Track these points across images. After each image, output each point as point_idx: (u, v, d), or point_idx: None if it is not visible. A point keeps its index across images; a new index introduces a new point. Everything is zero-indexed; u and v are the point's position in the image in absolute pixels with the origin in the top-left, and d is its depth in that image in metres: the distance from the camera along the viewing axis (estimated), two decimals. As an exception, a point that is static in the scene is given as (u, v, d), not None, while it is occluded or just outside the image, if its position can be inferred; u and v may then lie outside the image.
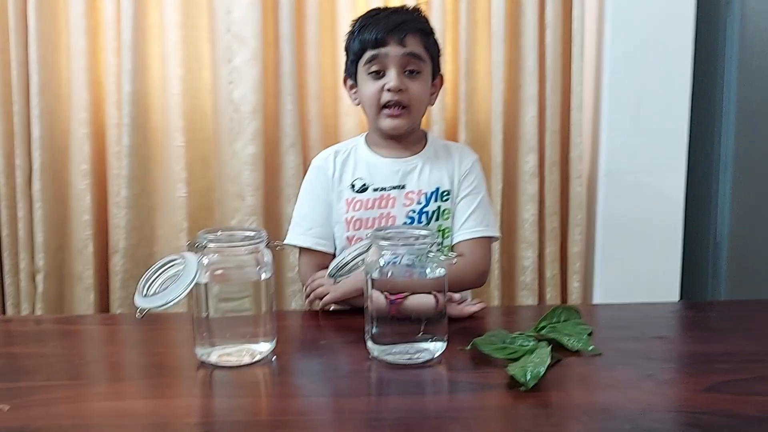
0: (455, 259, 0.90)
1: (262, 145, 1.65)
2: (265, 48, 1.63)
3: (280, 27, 1.65)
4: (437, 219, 1.15)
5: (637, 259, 1.71)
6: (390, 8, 1.17)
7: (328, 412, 0.73)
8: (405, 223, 1.14)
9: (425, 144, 1.20)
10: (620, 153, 1.69)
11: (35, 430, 0.68)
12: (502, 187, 1.71)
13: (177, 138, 1.64)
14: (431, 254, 0.83)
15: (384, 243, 0.84)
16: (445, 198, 1.16)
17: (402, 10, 1.16)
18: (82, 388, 0.80)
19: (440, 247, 0.85)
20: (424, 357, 0.84)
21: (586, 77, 1.71)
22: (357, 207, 1.14)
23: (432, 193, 1.15)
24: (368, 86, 1.12)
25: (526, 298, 1.76)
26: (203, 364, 0.85)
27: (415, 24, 1.12)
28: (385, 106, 1.12)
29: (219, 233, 0.88)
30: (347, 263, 0.94)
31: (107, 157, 1.69)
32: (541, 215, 1.75)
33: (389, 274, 0.83)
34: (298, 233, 1.18)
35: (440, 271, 0.84)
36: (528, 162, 1.71)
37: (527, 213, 1.73)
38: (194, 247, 0.86)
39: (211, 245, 0.85)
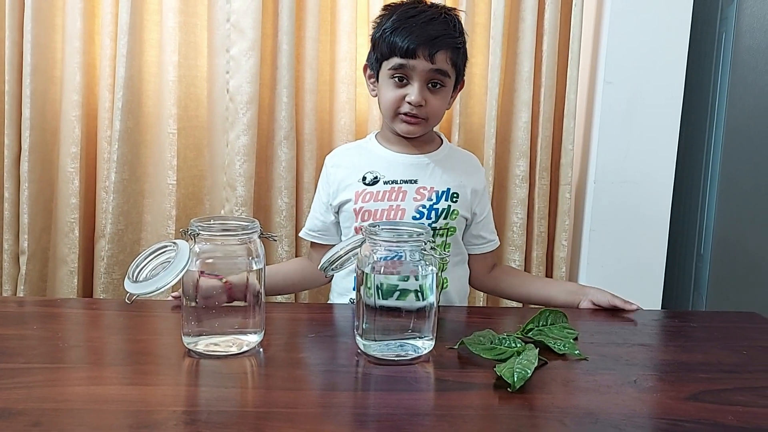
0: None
1: (255, 136, 1.64)
2: (263, 39, 1.63)
3: (279, 19, 1.64)
4: (445, 218, 1.16)
5: (621, 268, 1.73)
6: (427, 12, 1.10)
7: (315, 406, 0.73)
8: (414, 217, 1.14)
9: (440, 144, 1.21)
10: (610, 162, 1.71)
11: (16, 413, 0.68)
12: (492, 190, 1.72)
13: (170, 125, 1.63)
14: (425, 252, 0.83)
15: (377, 238, 0.84)
16: (454, 199, 1.17)
17: (438, 18, 1.10)
18: (64, 371, 0.80)
19: (434, 244, 0.85)
20: (413, 354, 0.85)
21: (580, 86, 1.73)
22: (367, 198, 1.15)
23: (443, 192, 1.16)
24: (389, 91, 1.12)
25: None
26: (190, 353, 0.85)
27: (448, 40, 1.09)
28: (403, 113, 1.12)
29: (211, 222, 0.87)
30: (340, 257, 0.94)
31: (98, 140, 1.67)
32: (529, 219, 1.76)
33: (381, 270, 0.83)
34: (305, 228, 1.25)
35: (432, 268, 0.84)
36: (519, 166, 1.72)
37: (516, 216, 1.74)
38: (186, 234, 0.85)
39: (203, 233, 0.85)
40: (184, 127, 1.66)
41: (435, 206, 1.15)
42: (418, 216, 1.14)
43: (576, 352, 0.88)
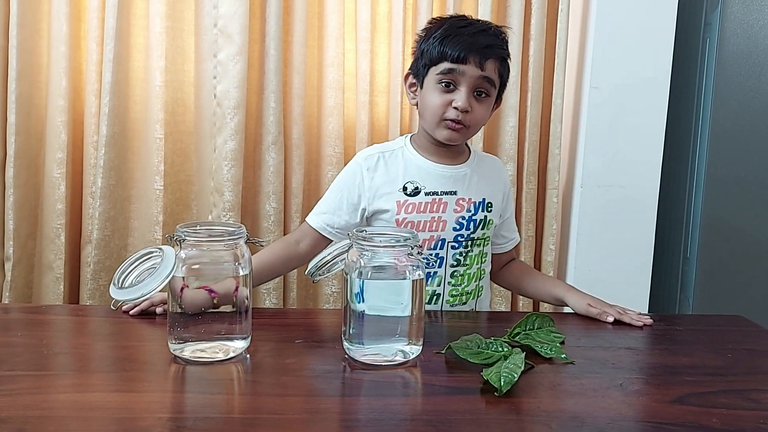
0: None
1: (243, 141, 1.64)
2: (250, 44, 1.63)
3: (267, 24, 1.64)
4: (483, 228, 1.17)
5: (608, 271, 1.74)
6: (477, 24, 1.13)
7: (302, 412, 0.72)
8: (454, 228, 1.15)
9: (470, 153, 1.22)
10: (596, 166, 1.72)
11: (0, 421, 0.67)
12: (480, 195, 1.73)
13: (157, 130, 1.63)
14: (411, 256, 0.83)
15: (364, 243, 0.84)
16: (489, 209, 1.18)
17: (489, 30, 1.13)
18: (49, 379, 0.79)
19: (420, 250, 0.85)
20: (400, 359, 0.85)
21: (566, 91, 1.74)
22: (409, 210, 1.14)
23: (480, 203, 1.17)
24: (435, 96, 1.11)
25: (499, 304, 1.78)
26: (176, 359, 0.85)
27: (498, 50, 1.12)
28: (448, 119, 1.12)
29: (198, 227, 0.87)
30: (327, 262, 0.94)
31: (84, 146, 1.67)
32: (517, 223, 1.77)
33: (368, 275, 0.83)
34: (314, 212, 1.20)
35: (419, 273, 0.85)
36: (507, 170, 1.73)
37: (504, 221, 1.74)
38: (172, 240, 0.85)
39: (190, 239, 0.84)
40: (171, 132, 1.65)
41: (474, 217, 1.16)
42: (458, 227, 1.15)
43: (562, 356, 0.89)
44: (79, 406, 0.72)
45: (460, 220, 1.15)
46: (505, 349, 0.86)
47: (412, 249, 0.84)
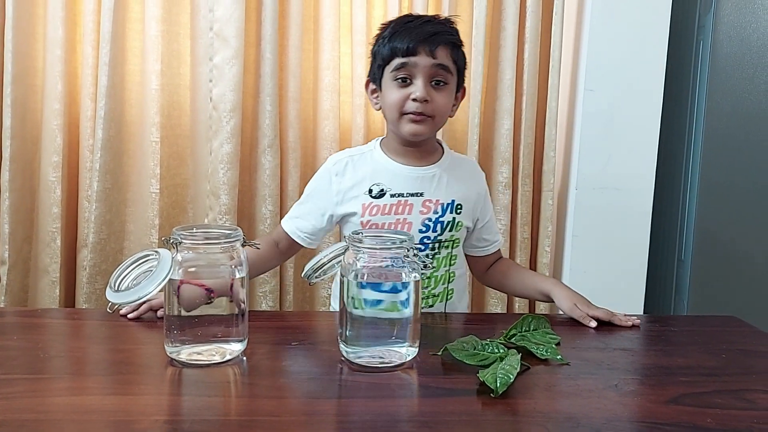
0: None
1: (239, 144, 1.64)
2: (246, 48, 1.63)
3: (262, 28, 1.64)
4: (451, 230, 1.16)
5: (603, 273, 1.75)
6: (423, 17, 1.15)
7: (298, 414, 0.73)
8: (420, 230, 1.14)
9: (442, 154, 1.21)
10: (591, 169, 1.73)
11: (-3, 424, 0.67)
12: (476, 197, 1.73)
13: (153, 133, 1.63)
14: (408, 258, 0.84)
15: (360, 246, 0.84)
16: (458, 210, 1.17)
17: (435, 20, 1.14)
18: (45, 382, 0.79)
19: (416, 252, 0.85)
20: (396, 361, 0.85)
21: (561, 93, 1.75)
22: (374, 212, 1.14)
23: (448, 205, 1.16)
24: (393, 93, 1.12)
25: (495, 305, 1.78)
26: (173, 362, 0.85)
27: (446, 36, 1.11)
28: (409, 113, 1.12)
29: (194, 230, 0.87)
30: (323, 265, 0.94)
31: (80, 149, 1.67)
32: (512, 225, 1.78)
33: (365, 278, 0.84)
34: (288, 216, 1.23)
35: (415, 275, 0.85)
36: (502, 173, 1.74)
37: (499, 223, 1.75)
38: (168, 243, 0.85)
39: (186, 242, 0.85)
40: (167, 135, 1.65)
41: (441, 219, 1.15)
42: (424, 229, 1.15)
43: (558, 357, 0.89)
44: (75, 409, 0.72)
45: (427, 222, 1.15)
46: (501, 351, 0.86)
47: (408, 251, 0.84)
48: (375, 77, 1.17)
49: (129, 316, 1.02)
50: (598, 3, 1.68)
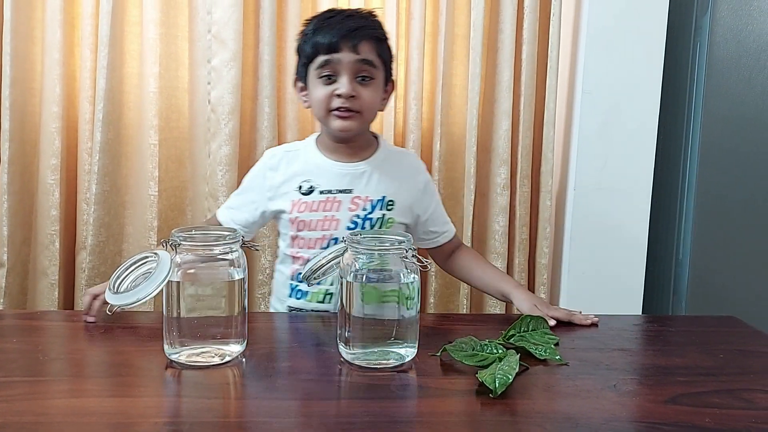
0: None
1: (237, 146, 1.64)
2: (244, 50, 1.63)
3: (260, 30, 1.65)
4: (380, 227, 1.15)
5: (601, 273, 1.75)
6: (345, 11, 1.14)
7: (297, 415, 0.73)
8: (348, 227, 1.14)
9: (375, 149, 1.20)
10: (589, 170, 1.73)
11: (-4, 426, 0.67)
12: (474, 198, 1.74)
13: (151, 136, 1.63)
14: (407, 260, 0.84)
15: (360, 247, 0.84)
16: (390, 207, 1.16)
17: (357, 14, 1.13)
18: (44, 384, 0.79)
19: (415, 252, 0.86)
20: (395, 362, 0.85)
21: (559, 95, 1.75)
22: (302, 208, 1.14)
23: (378, 201, 1.15)
24: (319, 90, 1.11)
25: (494, 306, 1.78)
26: (172, 364, 0.85)
27: (369, 30, 1.11)
28: (336, 109, 1.11)
29: (193, 232, 0.87)
30: (322, 266, 0.94)
31: (79, 152, 1.66)
32: (511, 227, 1.78)
33: (364, 278, 0.84)
34: (224, 205, 1.24)
35: (414, 277, 0.85)
36: (500, 174, 1.74)
37: (497, 224, 1.75)
38: (167, 245, 0.85)
39: (185, 244, 0.85)
40: (165, 138, 1.65)
41: (370, 216, 1.14)
42: (352, 226, 1.14)
43: (557, 358, 0.89)
44: (74, 411, 0.72)
45: (355, 218, 1.14)
46: (500, 351, 0.87)
47: (407, 252, 0.84)
48: (301, 75, 1.16)
49: (88, 319, 1.02)
50: (596, 4, 1.68)
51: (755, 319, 1.13)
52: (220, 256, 0.86)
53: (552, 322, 1.05)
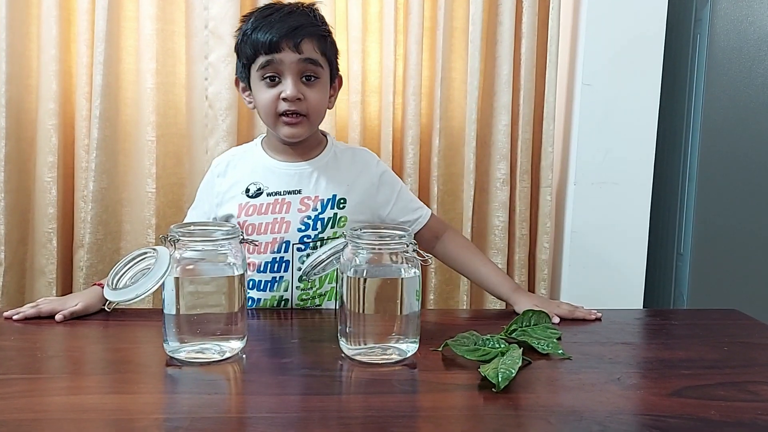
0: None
1: (235, 142, 1.63)
2: (241, 45, 1.62)
3: (257, 25, 1.64)
4: (333, 227, 1.11)
5: (602, 268, 1.74)
6: (284, 7, 1.08)
7: (299, 411, 0.72)
8: (299, 229, 1.10)
9: (324, 148, 1.17)
10: (589, 164, 1.72)
11: (-6, 424, 0.66)
12: (473, 194, 1.73)
13: (148, 132, 1.62)
14: (407, 254, 0.83)
15: (359, 242, 0.84)
16: (341, 206, 1.12)
17: (298, 10, 1.08)
18: (43, 382, 0.78)
19: (416, 247, 0.85)
20: (397, 357, 0.84)
21: (558, 88, 1.74)
22: (250, 212, 1.11)
23: (329, 200, 1.12)
24: (263, 93, 1.07)
25: (494, 302, 1.77)
26: (171, 361, 0.84)
27: (311, 28, 1.06)
28: (283, 114, 1.07)
29: (192, 227, 0.87)
30: (321, 262, 0.94)
31: (75, 149, 1.65)
32: (510, 222, 1.77)
33: (364, 273, 0.83)
34: (188, 212, 1.22)
35: (414, 271, 0.84)
36: (500, 169, 1.73)
37: (497, 219, 1.74)
38: (166, 241, 0.84)
39: (184, 239, 0.84)
40: (162, 134, 1.64)
41: (320, 216, 1.11)
42: (303, 228, 1.10)
43: (560, 352, 0.89)
44: (73, 408, 0.71)
45: (306, 220, 1.10)
46: (502, 346, 0.86)
47: (407, 246, 0.84)
48: (242, 76, 1.12)
49: (14, 318, 1.01)
50: (595, -3, 1.67)
51: (757, 312, 1.13)
52: (219, 252, 0.85)
53: (556, 320, 1.05)
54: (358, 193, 1.15)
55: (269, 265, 1.10)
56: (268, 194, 1.11)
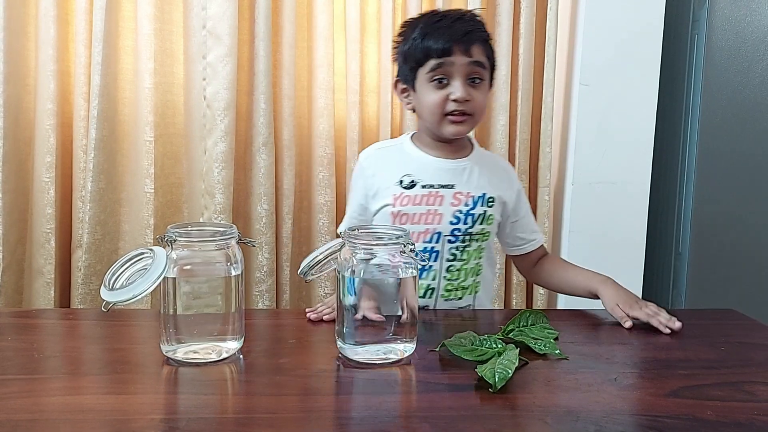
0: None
1: (233, 142, 1.63)
2: (240, 45, 1.62)
3: (256, 25, 1.64)
4: (482, 223, 1.16)
5: (600, 267, 1.73)
6: (451, 15, 1.14)
7: (296, 411, 0.72)
8: (451, 222, 1.14)
9: (472, 148, 1.21)
10: (587, 164, 1.73)
11: (-9, 425, 0.66)
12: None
13: (146, 132, 1.62)
14: (404, 254, 0.83)
15: (357, 242, 0.84)
16: (490, 204, 1.17)
17: (465, 17, 1.14)
18: (40, 382, 0.78)
19: (413, 247, 0.85)
20: (394, 357, 0.84)
21: (556, 88, 1.74)
22: (404, 202, 1.15)
23: (479, 197, 1.16)
24: (431, 94, 1.11)
25: (492, 302, 1.77)
26: (169, 361, 0.84)
27: (479, 33, 1.12)
28: (450, 113, 1.12)
29: (189, 228, 0.86)
30: (319, 261, 0.93)
31: (74, 149, 1.65)
32: (509, 222, 1.77)
33: (362, 273, 0.83)
34: (343, 223, 1.24)
35: (412, 271, 0.84)
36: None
37: (496, 220, 1.74)
38: (163, 241, 0.84)
39: (181, 240, 0.84)
40: (161, 134, 1.64)
41: (472, 211, 1.15)
42: (455, 221, 1.14)
43: (556, 352, 0.88)
44: (70, 408, 0.71)
45: (458, 214, 1.15)
46: (499, 346, 0.86)
47: (405, 246, 0.84)
48: (407, 78, 1.16)
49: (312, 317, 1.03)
50: (593, -3, 1.68)
51: (755, 312, 1.13)
52: (216, 252, 0.85)
53: (627, 324, 1.03)
54: (504, 196, 1.20)
55: (420, 254, 1.12)
56: (423, 186, 1.15)
